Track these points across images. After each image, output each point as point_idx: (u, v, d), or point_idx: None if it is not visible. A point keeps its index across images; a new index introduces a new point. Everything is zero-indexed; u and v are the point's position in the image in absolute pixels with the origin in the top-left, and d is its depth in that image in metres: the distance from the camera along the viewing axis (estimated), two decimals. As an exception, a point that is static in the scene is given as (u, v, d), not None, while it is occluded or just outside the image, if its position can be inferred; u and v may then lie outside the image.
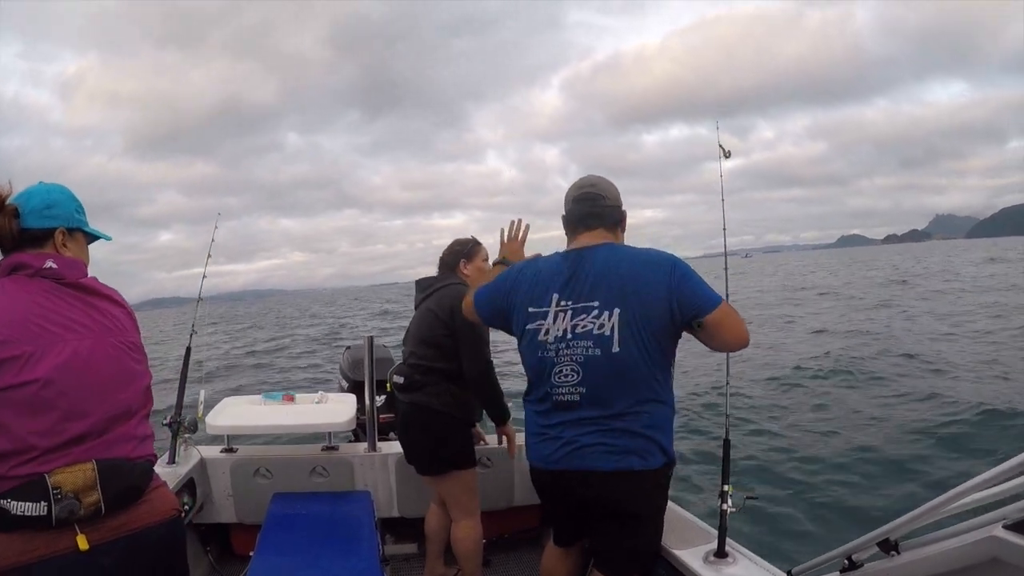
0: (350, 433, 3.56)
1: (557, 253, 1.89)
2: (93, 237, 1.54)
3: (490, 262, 2.67)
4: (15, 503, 1.21)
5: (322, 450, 3.04)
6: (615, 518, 1.79)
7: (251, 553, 2.11)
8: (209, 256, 3.19)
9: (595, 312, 1.70)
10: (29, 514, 1.21)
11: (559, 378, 1.75)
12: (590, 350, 1.70)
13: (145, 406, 1.45)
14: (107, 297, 1.44)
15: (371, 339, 3.08)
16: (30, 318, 1.29)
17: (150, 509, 1.39)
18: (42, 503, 1.22)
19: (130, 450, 1.37)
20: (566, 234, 1.91)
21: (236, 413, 3.11)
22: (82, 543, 1.26)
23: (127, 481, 1.34)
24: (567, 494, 1.83)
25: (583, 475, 1.74)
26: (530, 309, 1.81)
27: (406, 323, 2.74)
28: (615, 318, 1.68)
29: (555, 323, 1.76)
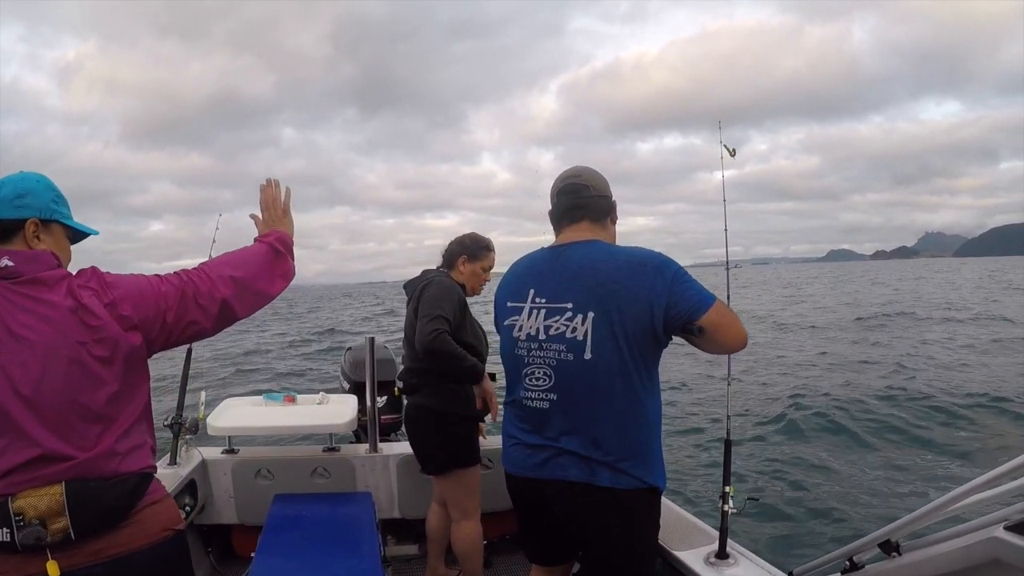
0: (351, 434, 3.56)
1: (543, 248, 1.78)
2: (81, 234, 1.40)
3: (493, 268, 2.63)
4: None
5: (323, 451, 3.04)
6: (589, 534, 1.66)
7: (252, 554, 2.11)
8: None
9: (568, 314, 1.59)
10: None
11: (530, 381, 1.65)
12: (563, 354, 1.59)
13: (122, 414, 1.27)
14: (71, 290, 1.24)
15: (372, 340, 3.07)
16: None
17: (138, 531, 1.27)
18: (4, 529, 1.14)
19: (114, 466, 1.23)
20: (553, 230, 1.80)
21: (237, 414, 3.11)
22: (52, 570, 1.16)
23: (103, 504, 1.21)
24: (541, 504, 1.72)
25: (553, 485, 1.64)
26: (509, 304, 1.73)
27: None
28: (588, 323, 1.56)
29: (528, 320, 1.66)
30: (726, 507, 2.03)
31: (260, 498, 2.74)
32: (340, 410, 3.15)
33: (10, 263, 1.23)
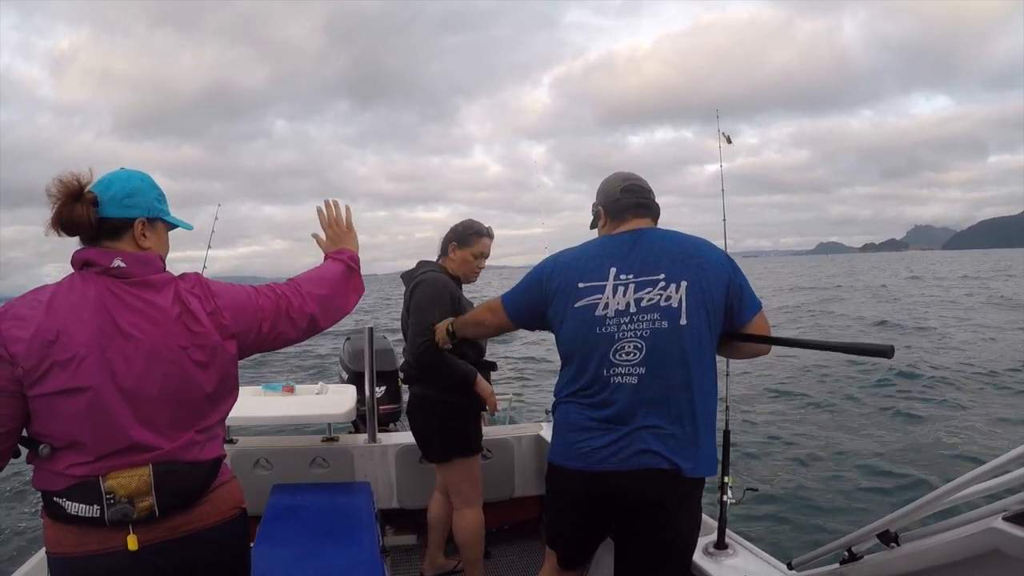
0: (350, 424, 3.56)
1: (603, 237, 1.79)
2: (173, 226, 1.47)
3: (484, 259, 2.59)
4: (70, 503, 1.22)
5: (322, 441, 3.04)
6: (656, 523, 1.62)
7: (251, 544, 2.11)
8: (209, 247, 3.46)
9: (661, 284, 1.61)
10: (83, 515, 1.22)
11: (620, 356, 1.60)
12: (656, 323, 1.59)
13: (210, 415, 1.36)
14: (178, 294, 1.32)
15: (371, 329, 3.07)
16: (90, 320, 1.24)
17: (211, 509, 1.36)
18: (95, 506, 1.22)
19: (195, 454, 1.32)
20: (606, 221, 1.81)
21: (236, 404, 3.10)
22: (131, 544, 1.25)
23: (185, 486, 1.30)
24: (611, 501, 1.64)
25: (637, 475, 1.58)
26: (580, 285, 1.67)
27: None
28: (683, 290, 1.59)
29: (615, 296, 1.63)
30: (725, 497, 2.03)
31: (259, 488, 2.74)
32: (339, 400, 3.15)
33: (122, 264, 1.30)
